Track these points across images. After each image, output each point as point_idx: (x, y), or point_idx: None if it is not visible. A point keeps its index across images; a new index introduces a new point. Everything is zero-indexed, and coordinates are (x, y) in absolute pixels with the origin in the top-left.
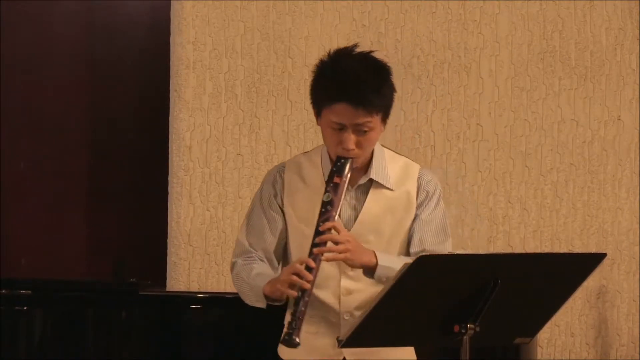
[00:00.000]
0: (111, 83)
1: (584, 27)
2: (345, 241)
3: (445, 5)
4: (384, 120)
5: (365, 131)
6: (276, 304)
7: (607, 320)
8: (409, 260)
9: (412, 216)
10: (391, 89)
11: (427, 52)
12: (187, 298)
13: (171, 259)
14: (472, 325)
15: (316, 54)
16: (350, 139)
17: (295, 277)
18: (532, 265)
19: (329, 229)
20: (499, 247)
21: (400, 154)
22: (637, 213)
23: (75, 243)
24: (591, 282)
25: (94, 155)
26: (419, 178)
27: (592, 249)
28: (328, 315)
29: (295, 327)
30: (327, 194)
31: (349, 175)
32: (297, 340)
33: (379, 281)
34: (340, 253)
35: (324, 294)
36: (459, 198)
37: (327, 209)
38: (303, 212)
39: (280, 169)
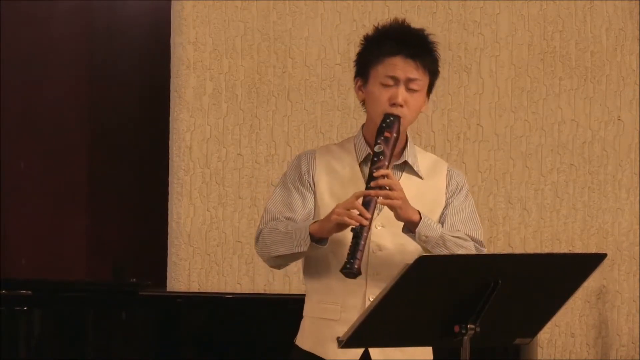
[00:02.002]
0: (111, 83)
1: (584, 28)
2: (399, 190)
3: (446, 6)
4: (428, 92)
5: (415, 90)
6: (320, 245)
7: (607, 320)
8: (447, 231)
9: (442, 205)
10: (438, 60)
11: None
12: (187, 298)
13: (171, 259)
14: (472, 326)
15: (316, 54)
16: (401, 94)
17: (354, 212)
18: (533, 266)
19: (383, 176)
20: (500, 247)
21: (428, 152)
22: (638, 214)
23: (75, 243)
24: (591, 283)
25: (94, 155)
26: (448, 172)
27: (593, 249)
28: (351, 299)
29: (356, 257)
30: (378, 145)
31: (399, 133)
32: (358, 267)
33: (419, 239)
34: (394, 199)
35: (348, 279)
36: None
37: (379, 158)
38: (335, 190)
39: (311, 152)
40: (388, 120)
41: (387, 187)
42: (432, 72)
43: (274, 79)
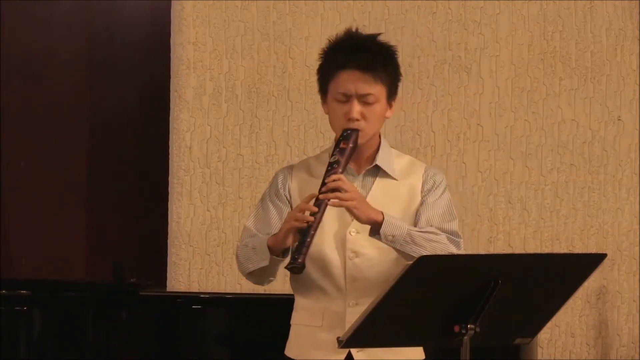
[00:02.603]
0: (111, 83)
1: (584, 28)
2: (351, 191)
3: (446, 6)
4: (390, 98)
5: (370, 103)
6: (281, 257)
7: (607, 320)
8: (414, 228)
9: (417, 204)
10: (396, 65)
11: (427, 53)
12: (187, 298)
13: (171, 259)
14: (472, 326)
15: (316, 54)
16: (355, 108)
17: (299, 214)
18: (533, 266)
19: (334, 181)
20: (500, 247)
21: (406, 155)
22: (638, 213)
23: (75, 243)
24: (591, 283)
25: (94, 155)
26: (425, 172)
27: (593, 249)
28: (332, 305)
29: (301, 252)
30: (333, 156)
31: (356, 144)
32: (302, 261)
33: (385, 239)
34: (346, 200)
35: (328, 283)
36: (460, 198)
37: (333, 167)
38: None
39: (289, 168)
40: (345, 134)
41: (339, 190)
42: (388, 80)
43: (274, 79)
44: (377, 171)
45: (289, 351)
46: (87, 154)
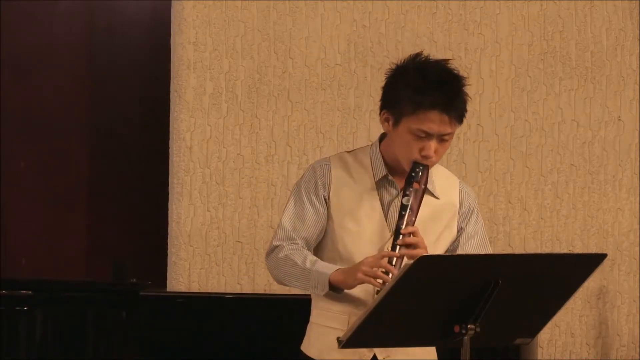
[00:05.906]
0: (111, 83)
1: (584, 28)
2: (424, 247)
3: (446, 6)
4: None
5: (446, 140)
6: (337, 292)
7: (607, 320)
8: None
9: (455, 226)
10: (467, 104)
11: (427, 53)
12: (187, 298)
13: (171, 259)
14: (472, 326)
15: (316, 54)
16: (433, 147)
17: (380, 272)
18: (533, 266)
19: (410, 234)
20: (500, 247)
21: (441, 166)
22: (638, 213)
23: (75, 243)
24: (591, 283)
25: (94, 155)
26: (460, 191)
27: (593, 249)
28: (359, 311)
29: None
30: (406, 197)
31: (426, 184)
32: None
33: None
34: None
35: (357, 290)
36: None
37: (407, 212)
38: (350, 208)
39: (326, 163)
40: (417, 170)
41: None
42: (462, 118)
43: (274, 79)
44: None
45: (308, 349)
46: (87, 154)
